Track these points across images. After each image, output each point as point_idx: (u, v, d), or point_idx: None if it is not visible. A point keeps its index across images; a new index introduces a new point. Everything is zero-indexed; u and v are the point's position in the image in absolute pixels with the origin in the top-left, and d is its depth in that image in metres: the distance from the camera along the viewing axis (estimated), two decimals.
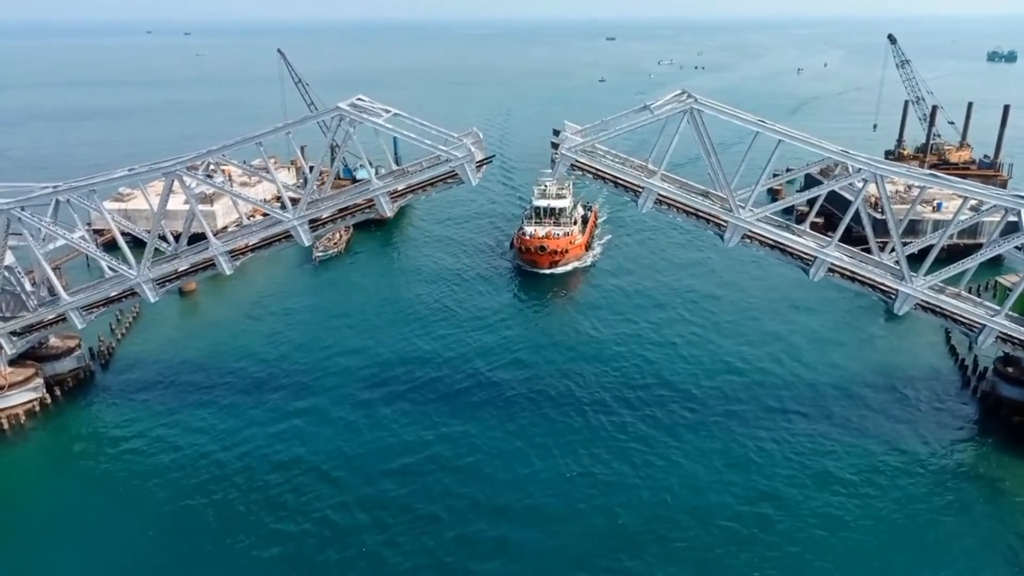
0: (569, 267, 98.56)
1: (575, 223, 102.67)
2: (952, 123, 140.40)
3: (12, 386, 61.54)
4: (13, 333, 63.06)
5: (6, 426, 60.38)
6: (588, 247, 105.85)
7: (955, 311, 58.36)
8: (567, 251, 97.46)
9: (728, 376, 69.57)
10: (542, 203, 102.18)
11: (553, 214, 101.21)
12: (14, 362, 63.76)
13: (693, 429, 60.71)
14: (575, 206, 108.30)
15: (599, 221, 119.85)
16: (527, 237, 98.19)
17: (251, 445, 58.64)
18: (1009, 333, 58.06)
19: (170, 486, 53.65)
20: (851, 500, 51.94)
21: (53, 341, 68.21)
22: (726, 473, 55.05)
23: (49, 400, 64.04)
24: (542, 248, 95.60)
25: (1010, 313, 58.39)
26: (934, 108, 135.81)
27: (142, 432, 60.39)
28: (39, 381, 63.55)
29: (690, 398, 65.67)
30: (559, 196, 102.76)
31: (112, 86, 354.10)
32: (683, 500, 52.16)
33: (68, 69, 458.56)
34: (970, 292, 62.47)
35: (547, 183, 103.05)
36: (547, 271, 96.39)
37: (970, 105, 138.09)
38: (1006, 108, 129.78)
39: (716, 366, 71.63)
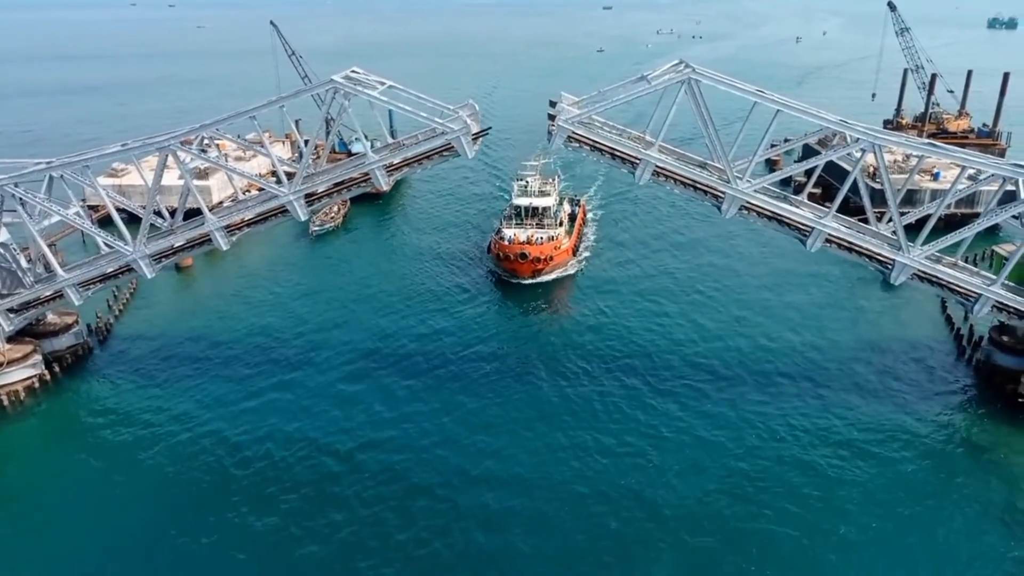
0: (554, 275, 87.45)
1: (560, 224, 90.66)
2: (951, 91, 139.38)
3: (11, 363, 61.68)
4: (10, 310, 63.06)
5: (6, 403, 60.62)
6: (575, 251, 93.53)
7: (951, 281, 58.51)
8: (551, 258, 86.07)
9: (726, 349, 69.94)
10: (523, 202, 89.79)
11: (536, 214, 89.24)
12: (12, 339, 63.88)
13: (689, 403, 61.17)
14: (561, 203, 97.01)
15: (588, 217, 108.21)
16: (505, 243, 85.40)
17: (248, 419, 58.99)
18: (1005, 302, 58.30)
19: (169, 460, 54.06)
20: (846, 469, 52.52)
21: (51, 318, 68.26)
22: (721, 446, 55.59)
23: (48, 377, 64.25)
24: (523, 255, 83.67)
25: (1006, 282, 58.55)
26: (933, 76, 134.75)
27: (141, 407, 60.72)
28: (38, 358, 63.69)
29: (686, 372, 66.05)
30: (542, 194, 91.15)
31: (101, 60, 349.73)
32: (680, 473, 52.70)
33: (55, 43, 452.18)
34: (967, 261, 62.59)
35: (529, 179, 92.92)
36: (528, 281, 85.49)
37: (969, 73, 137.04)
38: (1005, 76, 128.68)
39: (713, 342, 71.91)
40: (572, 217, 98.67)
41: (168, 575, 44.36)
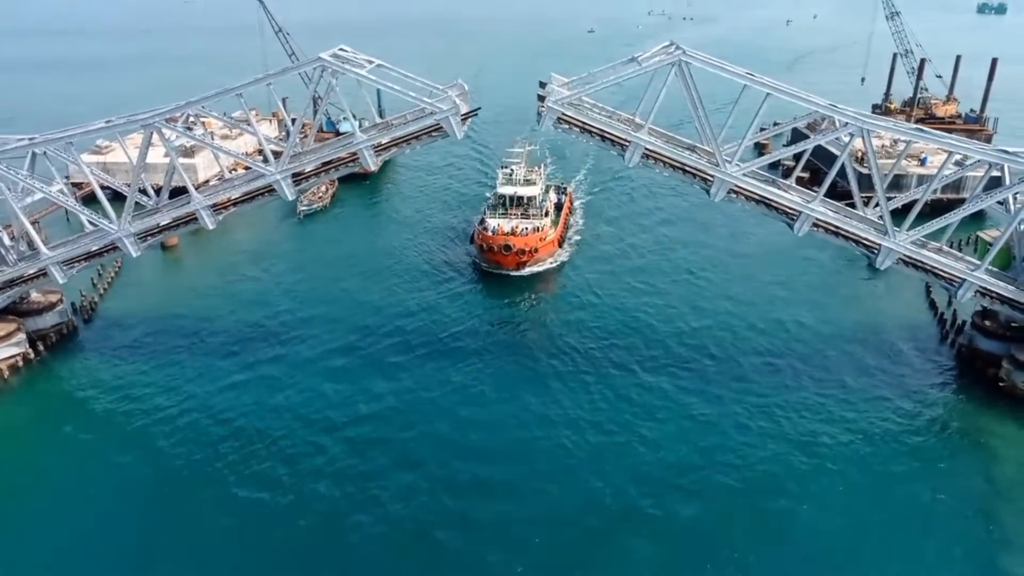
0: (540, 267, 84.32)
1: (546, 214, 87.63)
2: (940, 76, 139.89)
3: None
4: None
5: None
6: (562, 241, 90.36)
7: (936, 266, 59.03)
8: (537, 250, 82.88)
9: (716, 331, 70.24)
10: (508, 191, 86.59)
11: (521, 204, 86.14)
12: None
13: (677, 382, 61.52)
14: (547, 192, 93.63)
15: (575, 205, 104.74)
16: (489, 233, 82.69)
17: (235, 395, 58.88)
18: (988, 287, 58.92)
19: (155, 437, 53.91)
20: (826, 452, 53.02)
21: (34, 296, 67.54)
22: (711, 425, 56.06)
23: (32, 355, 63.73)
24: (507, 247, 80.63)
25: (990, 267, 59.16)
26: (922, 61, 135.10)
27: (126, 386, 60.40)
28: (22, 336, 63.10)
29: (675, 352, 66.37)
30: (528, 182, 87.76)
31: (83, 35, 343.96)
32: (670, 449, 53.19)
33: (34, 16, 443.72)
34: (952, 247, 63.17)
35: (514, 166, 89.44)
36: (513, 273, 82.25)
37: (958, 58, 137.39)
38: (993, 61, 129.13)
39: (703, 319, 72.27)
40: (559, 206, 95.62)
41: (155, 548, 44.32)
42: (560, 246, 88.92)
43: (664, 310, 74.36)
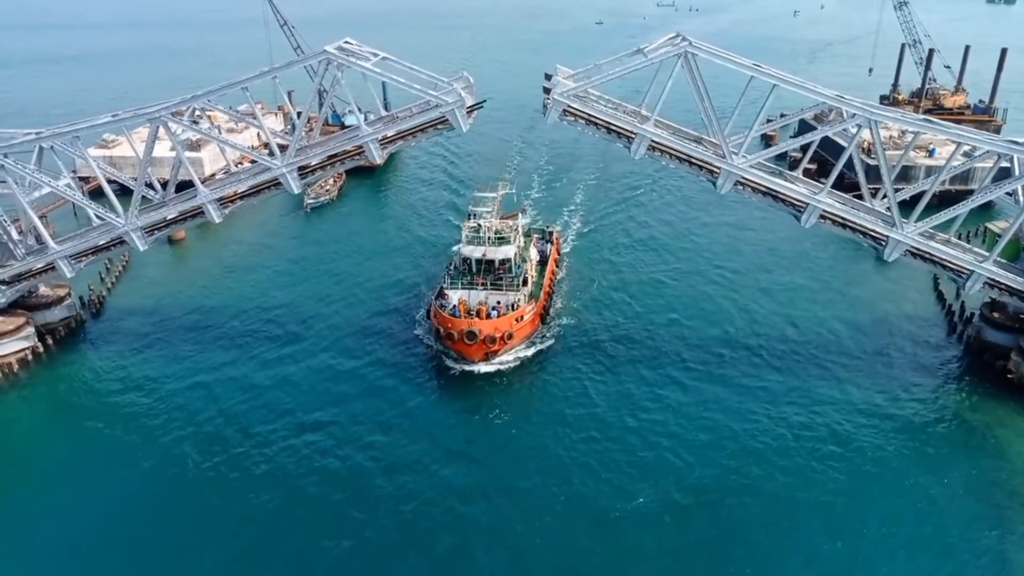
0: (515, 355, 63.18)
1: (525, 283, 66.08)
2: (948, 67, 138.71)
3: (3, 335, 61.45)
4: (1, 282, 62.73)
5: None
6: (545, 315, 68.08)
7: (944, 257, 58.69)
8: (511, 335, 61.67)
9: (718, 328, 70.14)
10: (475, 253, 64.91)
11: (491, 270, 64.89)
12: (4, 311, 63.59)
13: (681, 380, 61.52)
14: (527, 244, 72.71)
15: (563, 253, 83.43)
16: (447, 313, 61.25)
17: (241, 393, 59.04)
18: (997, 279, 58.59)
19: (163, 433, 54.18)
20: (834, 445, 53.00)
21: (43, 290, 67.93)
22: (713, 423, 56.00)
23: (41, 349, 64.13)
24: (471, 334, 59.62)
25: (998, 259, 58.81)
26: (930, 52, 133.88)
27: (135, 380, 60.74)
28: (30, 330, 63.48)
29: (679, 345, 66.30)
30: (501, 240, 65.37)
31: (86, 28, 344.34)
32: (672, 450, 53.21)
33: (36, 10, 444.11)
34: (960, 238, 62.76)
35: (482, 220, 67.41)
36: (479, 369, 61.30)
37: (967, 48, 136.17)
38: (1003, 52, 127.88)
39: (706, 321, 72.05)
40: (543, 261, 75.14)
41: (157, 540, 44.57)
42: (544, 322, 67.92)
43: (673, 325, 73.01)
